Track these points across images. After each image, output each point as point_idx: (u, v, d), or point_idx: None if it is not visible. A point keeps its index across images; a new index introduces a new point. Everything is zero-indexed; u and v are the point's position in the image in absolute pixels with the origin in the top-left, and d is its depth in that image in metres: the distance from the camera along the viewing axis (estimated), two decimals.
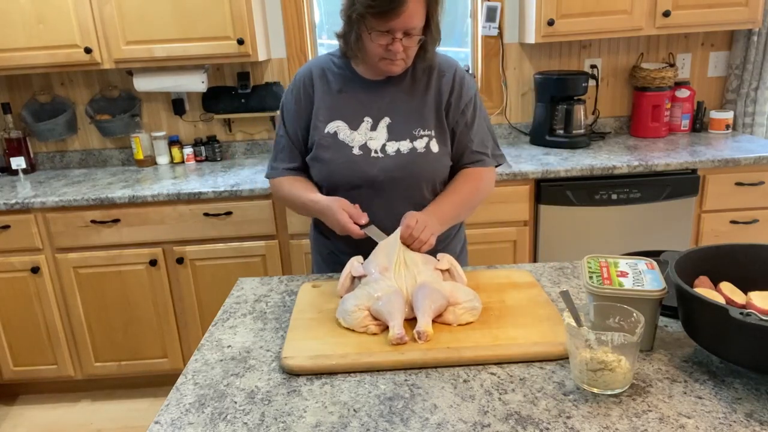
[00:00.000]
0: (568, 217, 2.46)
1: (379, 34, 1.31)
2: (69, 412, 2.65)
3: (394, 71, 1.39)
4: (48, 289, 2.50)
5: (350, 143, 1.43)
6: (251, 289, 1.39)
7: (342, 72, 1.47)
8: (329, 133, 1.44)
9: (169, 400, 0.98)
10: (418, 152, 1.42)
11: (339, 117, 1.44)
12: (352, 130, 1.43)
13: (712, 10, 2.54)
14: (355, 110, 1.44)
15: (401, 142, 1.42)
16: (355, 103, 1.45)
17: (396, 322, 1.07)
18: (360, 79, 1.46)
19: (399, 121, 1.43)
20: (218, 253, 2.47)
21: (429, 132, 1.44)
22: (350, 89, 1.45)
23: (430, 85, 1.45)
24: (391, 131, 1.43)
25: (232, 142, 2.99)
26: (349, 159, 1.42)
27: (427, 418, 0.89)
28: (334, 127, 1.44)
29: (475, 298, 1.15)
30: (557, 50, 2.91)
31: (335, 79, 1.46)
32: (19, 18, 2.45)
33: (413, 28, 1.31)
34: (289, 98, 1.50)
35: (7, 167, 2.87)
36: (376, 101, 1.44)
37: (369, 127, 1.43)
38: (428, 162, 1.44)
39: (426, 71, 1.46)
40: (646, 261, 1.10)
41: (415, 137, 1.43)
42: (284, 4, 2.81)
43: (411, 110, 1.44)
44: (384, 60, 1.36)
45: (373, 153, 1.42)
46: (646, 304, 0.99)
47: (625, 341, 0.89)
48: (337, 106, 1.45)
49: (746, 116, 2.87)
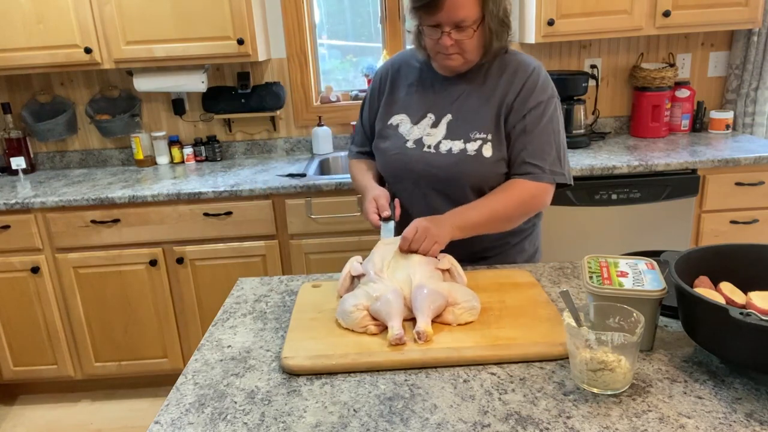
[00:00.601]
0: (568, 217, 2.46)
1: (429, 29, 1.31)
2: (69, 412, 2.65)
3: (451, 66, 1.37)
4: (48, 289, 2.50)
5: (407, 136, 1.45)
6: (251, 289, 1.39)
7: (420, 67, 1.49)
8: (391, 125, 1.48)
9: (169, 400, 0.98)
10: (468, 154, 1.38)
11: (403, 110, 1.48)
12: (413, 125, 1.45)
13: (712, 10, 2.54)
14: (420, 105, 1.46)
15: (455, 142, 1.40)
16: (422, 98, 1.46)
17: (395, 322, 1.07)
18: (434, 75, 1.46)
19: (460, 120, 1.41)
20: (218, 253, 2.47)
21: (485, 135, 1.38)
22: (422, 84, 1.47)
23: (498, 85, 1.39)
24: (451, 129, 1.41)
25: (232, 142, 2.99)
26: (400, 151, 1.45)
27: (427, 418, 0.89)
28: (398, 120, 1.48)
29: (473, 298, 1.15)
30: (557, 50, 2.91)
31: (411, 73, 1.49)
32: (19, 18, 2.45)
33: (461, 20, 1.27)
34: (371, 87, 1.57)
35: (7, 167, 2.87)
36: (443, 98, 1.43)
37: (431, 124, 1.43)
38: (476, 166, 1.38)
39: (501, 70, 1.40)
40: (646, 261, 1.10)
41: (469, 139, 1.39)
42: (284, 4, 2.81)
43: (473, 110, 1.40)
44: (439, 54, 1.35)
45: (425, 148, 1.42)
46: (646, 304, 0.99)
47: (625, 341, 0.89)
48: (405, 99, 1.48)
49: (746, 116, 2.87)
